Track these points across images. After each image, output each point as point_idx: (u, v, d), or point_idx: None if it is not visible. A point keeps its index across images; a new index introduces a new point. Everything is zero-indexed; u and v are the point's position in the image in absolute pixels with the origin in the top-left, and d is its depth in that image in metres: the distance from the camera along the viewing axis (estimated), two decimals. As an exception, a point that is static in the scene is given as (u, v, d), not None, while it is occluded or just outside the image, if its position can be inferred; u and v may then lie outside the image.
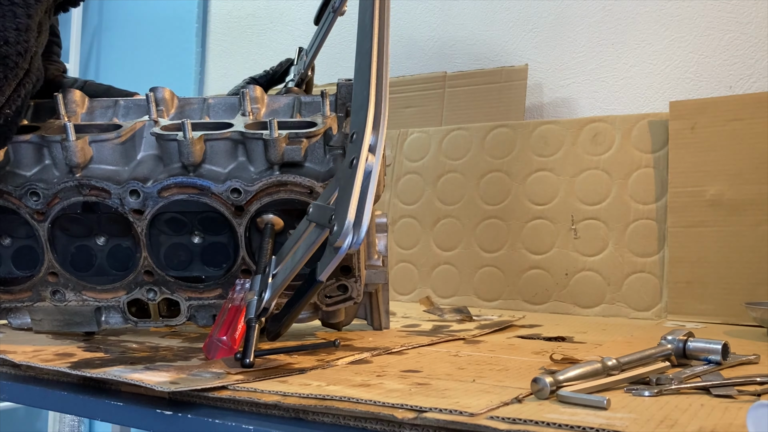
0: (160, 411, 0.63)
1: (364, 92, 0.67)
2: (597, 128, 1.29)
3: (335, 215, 0.62)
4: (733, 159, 1.16)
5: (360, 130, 0.64)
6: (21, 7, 0.75)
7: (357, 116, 0.67)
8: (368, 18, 0.72)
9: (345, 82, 0.91)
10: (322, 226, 0.66)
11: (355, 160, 0.63)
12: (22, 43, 0.75)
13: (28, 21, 0.76)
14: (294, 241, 0.73)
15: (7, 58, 0.74)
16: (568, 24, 1.51)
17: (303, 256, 0.70)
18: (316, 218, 0.68)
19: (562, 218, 1.29)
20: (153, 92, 0.89)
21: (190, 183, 0.82)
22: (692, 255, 1.17)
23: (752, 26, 1.33)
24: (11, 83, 0.76)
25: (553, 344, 0.91)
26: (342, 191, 0.63)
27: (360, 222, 0.60)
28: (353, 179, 0.61)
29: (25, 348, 0.82)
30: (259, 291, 0.73)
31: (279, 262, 0.74)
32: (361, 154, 0.62)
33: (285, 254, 0.74)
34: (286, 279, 0.72)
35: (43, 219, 0.84)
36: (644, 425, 0.51)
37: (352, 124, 0.68)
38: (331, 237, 0.61)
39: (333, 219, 0.63)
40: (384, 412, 0.56)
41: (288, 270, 0.71)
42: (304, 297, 0.71)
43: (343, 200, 0.62)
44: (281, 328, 0.74)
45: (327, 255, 0.64)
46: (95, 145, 0.84)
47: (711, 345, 0.74)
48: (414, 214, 1.45)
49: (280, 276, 0.73)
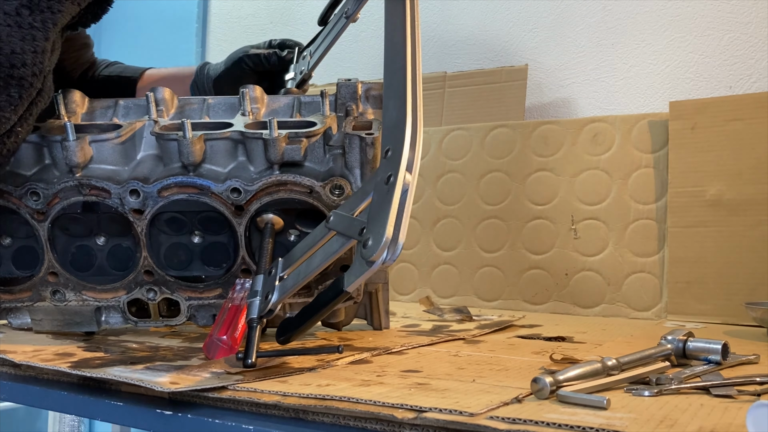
0: (160, 411, 0.63)
1: (399, 110, 0.68)
2: (597, 128, 1.29)
3: (368, 229, 0.63)
4: (733, 159, 1.16)
5: (397, 148, 0.65)
6: (40, 30, 0.78)
7: (391, 133, 0.67)
8: (399, 35, 0.73)
9: (345, 82, 0.91)
10: (348, 236, 0.66)
11: (392, 177, 0.63)
12: (38, 64, 0.78)
13: (44, 44, 0.78)
14: (308, 246, 0.73)
15: (23, 79, 0.76)
16: (568, 24, 1.51)
17: (321, 264, 0.70)
18: (340, 228, 0.68)
19: (562, 218, 1.29)
20: (153, 92, 0.89)
21: (190, 183, 0.82)
22: (692, 255, 1.17)
23: (752, 26, 1.33)
24: (25, 103, 0.78)
25: (553, 344, 0.91)
26: (376, 206, 0.63)
27: (397, 239, 0.61)
28: (389, 196, 0.62)
29: (25, 348, 0.82)
30: (264, 292, 0.73)
31: (288, 265, 0.74)
32: (399, 172, 0.63)
33: (296, 258, 0.73)
34: (297, 284, 0.71)
35: (43, 219, 0.84)
36: (644, 425, 0.51)
37: (385, 139, 0.68)
38: (364, 251, 0.61)
39: (365, 233, 0.63)
40: (384, 412, 0.56)
41: (302, 275, 0.71)
42: (326, 306, 0.69)
43: (379, 216, 0.62)
44: (296, 334, 0.72)
45: (357, 267, 0.64)
46: (95, 145, 0.84)
47: (711, 345, 0.74)
48: (414, 214, 1.45)
49: (291, 280, 0.72)
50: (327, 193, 0.80)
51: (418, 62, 0.72)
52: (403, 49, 0.71)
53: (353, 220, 0.67)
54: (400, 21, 0.74)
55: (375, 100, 0.94)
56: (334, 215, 0.70)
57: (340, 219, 0.69)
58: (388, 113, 0.69)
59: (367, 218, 0.64)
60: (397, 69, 0.71)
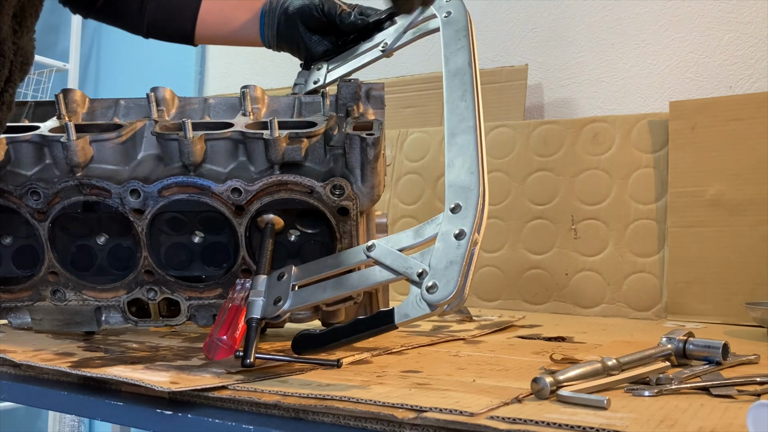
0: (160, 411, 0.63)
1: (468, 172, 0.73)
2: (597, 128, 1.29)
3: (432, 276, 0.67)
4: (733, 159, 1.16)
5: (468, 208, 0.70)
6: None
7: (460, 190, 0.72)
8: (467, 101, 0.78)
9: (345, 83, 0.91)
10: (399, 273, 0.70)
11: (465, 235, 0.68)
12: None
13: None
14: (337, 265, 0.74)
15: None
16: (568, 24, 1.51)
17: (353, 288, 0.72)
18: (388, 262, 0.71)
19: (562, 218, 1.29)
20: (153, 92, 0.90)
21: (190, 182, 0.82)
22: (692, 255, 1.17)
23: (752, 26, 1.33)
24: None
25: (553, 344, 0.91)
26: (443, 256, 0.68)
27: (462, 292, 0.66)
28: (460, 251, 0.67)
29: (25, 347, 0.82)
30: (272, 294, 0.73)
31: (305, 276, 0.74)
32: (473, 232, 0.68)
33: (317, 271, 0.74)
34: (319, 300, 0.73)
35: (43, 218, 0.84)
36: (644, 425, 0.51)
37: (451, 194, 0.72)
38: (429, 295, 0.66)
39: (428, 277, 0.67)
40: (384, 412, 0.56)
41: (327, 292, 0.72)
42: (367, 334, 0.70)
43: (448, 268, 0.67)
44: (319, 351, 0.71)
45: (415, 306, 0.67)
46: (96, 145, 0.84)
47: (711, 345, 0.74)
48: (414, 214, 1.45)
49: (311, 294, 0.73)
50: (327, 194, 0.80)
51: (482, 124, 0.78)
52: (472, 114, 0.77)
53: (407, 260, 0.70)
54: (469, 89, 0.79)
55: (376, 100, 0.94)
56: (378, 246, 0.72)
57: (385, 253, 0.72)
58: (455, 170, 0.74)
59: (429, 264, 0.68)
60: (465, 129, 0.76)
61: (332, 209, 0.81)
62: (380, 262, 0.71)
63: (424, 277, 0.67)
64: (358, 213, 0.81)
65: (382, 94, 0.95)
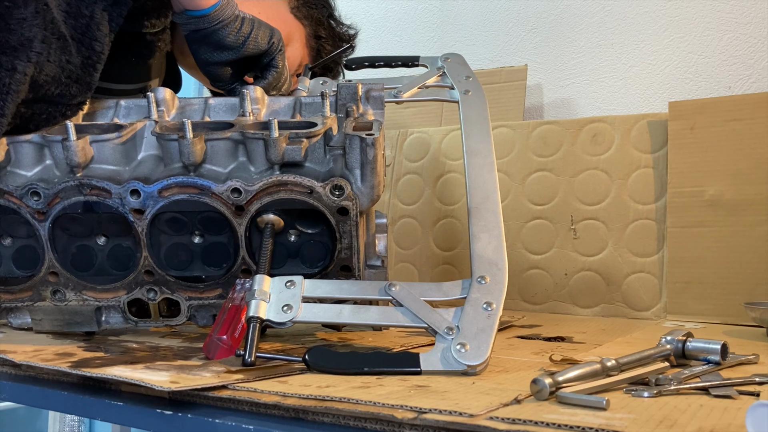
0: (160, 411, 0.64)
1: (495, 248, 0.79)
2: (596, 128, 1.29)
3: (462, 336, 0.71)
4: (733, 159, 1.16)
5: (496, 281, 0.76)
6: None
7: (488, 264, 0.78)
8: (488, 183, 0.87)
9: (345, 84, 0.92)
10: (425, 323, 0.73)
11: (494, 306, 0.74)
12: None
13: None
14: (355, 293, 0.76)
15: None
16: (568, 24, 1.51)
17: (370, 322, 0.76)
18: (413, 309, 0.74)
19: (562, 218, 1.29)
20: (153, 93, 0.90)
21: (190, 183, 0.82)
22: (691, 255, 1.17)
23: (751, 26, 1.33)
24: None
25: (552, 344, 0.91)
26: (472, 321, 0.73)
27: (487, 355, 0.70)
28: (491, 322, 0.73)
29: (25, 348, 0.82)
30: (280, 300, 0.74)
31: (318, 291, 0.76)
32: (499, 308, 0.74)
33: (333, 293, 0.76)
34: (332, 321, 0.76)
35: (43, 219, 0.84)
36: (643, 425, 0.51)
37: (478, 266, 0.78)
38: (461, 352, 0.70)
39: (457, 336, 0.71)
40: (384, 413, 0.56)
41: (343, 318, 0.75)
42: (387, 370, 0.70)
43: (479, 334, 0.72)
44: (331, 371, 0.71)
45: (443, 359, 0.70)
46: (96, 145, 0.84)
47: (710, 345, 0.74)
48: (414, 214, 1.45)
49: (327, 313, 0.75)
50: (327, 194, 0.80)
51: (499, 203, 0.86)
52: (493, 194, 0.86)
53: (433, 312, 0.74)
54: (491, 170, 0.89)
55: (375, 101, 0.94)
56: (400, 287, 0.76)
57: (408, 297, 0.75)
58: (481, 244, 0.80)
59: (458, 324, 0.72)
60: (490, 209, 0.84)
61: (332, 209, 0.81)
62: (409, 308, 0.74)
63: (453, 335, 0.71)
64: (357, 213, 0.81)
65: (381, 94, 0.95)
